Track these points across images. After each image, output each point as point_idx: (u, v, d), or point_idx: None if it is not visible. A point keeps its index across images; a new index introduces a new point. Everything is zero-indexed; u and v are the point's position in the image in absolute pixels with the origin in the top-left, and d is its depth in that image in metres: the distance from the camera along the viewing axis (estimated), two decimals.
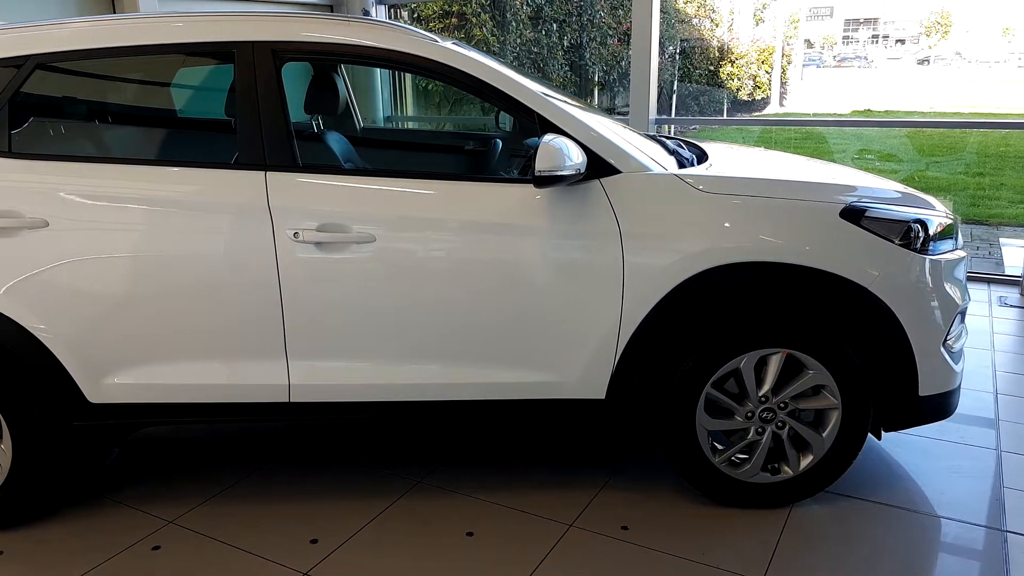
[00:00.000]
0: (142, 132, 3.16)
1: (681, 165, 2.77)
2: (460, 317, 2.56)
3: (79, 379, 2.59)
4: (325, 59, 3.23)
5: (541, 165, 2.35)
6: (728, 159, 3.03)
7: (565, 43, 9.54)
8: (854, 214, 2.53)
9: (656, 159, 2.66)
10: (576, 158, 2.40)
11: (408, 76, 7.68)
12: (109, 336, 2.56)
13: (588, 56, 9.56)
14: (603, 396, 2.63)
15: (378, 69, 6.98)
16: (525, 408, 2.67)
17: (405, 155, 3.99)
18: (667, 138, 3.32)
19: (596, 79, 9.79)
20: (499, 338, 2.58)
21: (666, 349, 2.61)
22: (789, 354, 2.59)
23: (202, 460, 3.21)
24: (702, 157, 2.96)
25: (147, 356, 2.58)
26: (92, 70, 2.80)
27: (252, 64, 2.55)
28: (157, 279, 2.53)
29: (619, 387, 2.62)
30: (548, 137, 2.40)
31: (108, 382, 2.60)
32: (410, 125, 8.04)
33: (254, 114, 2.54)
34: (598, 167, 2.50)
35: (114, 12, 5.28)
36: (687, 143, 3.25)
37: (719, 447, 2.72)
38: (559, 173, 2.36)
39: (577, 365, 2.60)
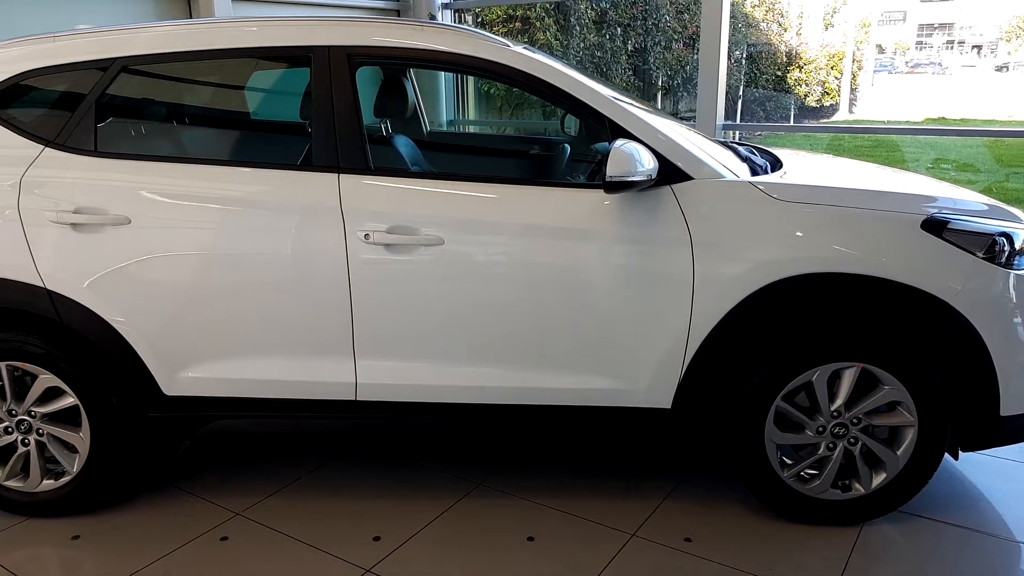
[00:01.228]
0: (219, 133, 3.24)
1: (754, 172, 2.72)
2: (527, 321, 2.56)
3: (155, 372, 2.67)
4: (398, 63, 3.27)
5: (612, 170, 2.33)
6: (803, 167, 2.96)
7: (629, 47, 9.47)
8: (936, 226, 2.45)
9: (728, 166, 2.62)
10: (648, 164, 2.38)
11: (470, 80, 7.72)
12: (185, 331, 2.63)
13: (652, 60, 9.48)
14: (669, 406, 2.59)
15: (441, 73, 7.04)
16: (589, 415, 2.65)
17: (471, 159, 4.01)
18: (739, 144, 3.27)
19: (660, 83, 9.70)
20: (565, 344, 2.57)
21: (736, 360, 2.56)
22: (864, 368, 2.51)
23: (269, 454, 3.28)
24: (776, 164, 2.90)
25: (221, 351, 2.65)
26: (172, 73, 2.89)
27: (328, 68, 2.60)
28: (232, 277, 2.59)
29: (686, 397, 2.58)
30: (619, 142, 2.38)
31: (183, 375, 2.67)
32: (471, 129, 8.08)
33: (329, 117, 2.58)
34: (669, 173, 2.47)
35: (190, 16, 5.45)
36: (760, 150, 3.19)
37: (788, 461, 2.66)
38: (630, 179, 2.34)
39: (643, 373, 2.57)
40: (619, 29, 9.35)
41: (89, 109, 2.64)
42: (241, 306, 2.61)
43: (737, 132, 6.78)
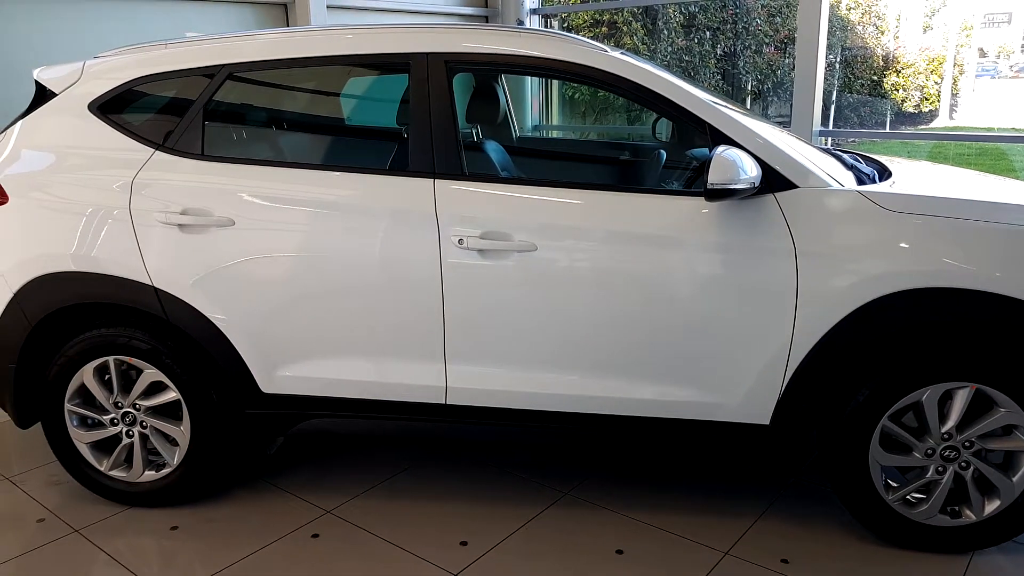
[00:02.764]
0: (318, 138, 3.31)
1: (860, 181, 2.61)
2: (621, 330, 2.51)
3: (254, 369, 2.73)
4: (495, 69, 3.28)
5: (714, 178, 2.27)
6: (914, 176, 2.83)
7: (718, 51, 9.30)
8: None
9: (833, 174, 2.52)
10: (751, 171, 2.31)
11: (554, 84, 7.72)
12: (284, 330, 2.69)
13: (742, 64, 9.27)
14: (767, 422, 2.51)
15: (527, 78, 7.05)
16: (684, 428, 2.58)
17: (562, 165, 3.99)
18: (844, 151, 3.15)
19: (749, 88, 9.47)
20: (661, 354, 2.52)
21: (841, 376, 2.46)
22: (978, 389, 2.38)
23: (358, 455, 3.32)
24: (883, 173, 2.78)
25: (317, 351, 2.69)
26: (274, 80, 2.97)
27: (426, 74, 2.61)
28: (329, 278, 2.63)
29: (786, 413, 2.49)
30: (721, 149, 2.32)
31: (280, 374, 2.73)
32: (555, 134, 8.07)
33: (426, 123, 2.60)
34: (773, 181, 2.40)
35: (287, 25, 5.61)
36: (866, 158, 3.07)
37: (893, 484, 2.53)
38: (733, 186, 2.27)
39: (741, 388, 2.49)
40: (708, 33, 9.18)
41: (197, 114, 2.73)
42: (337, 307, 2.65)
43: (829, 139, 6.56)
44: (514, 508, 2.88)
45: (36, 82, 2.92)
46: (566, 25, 8.75)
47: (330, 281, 2.63)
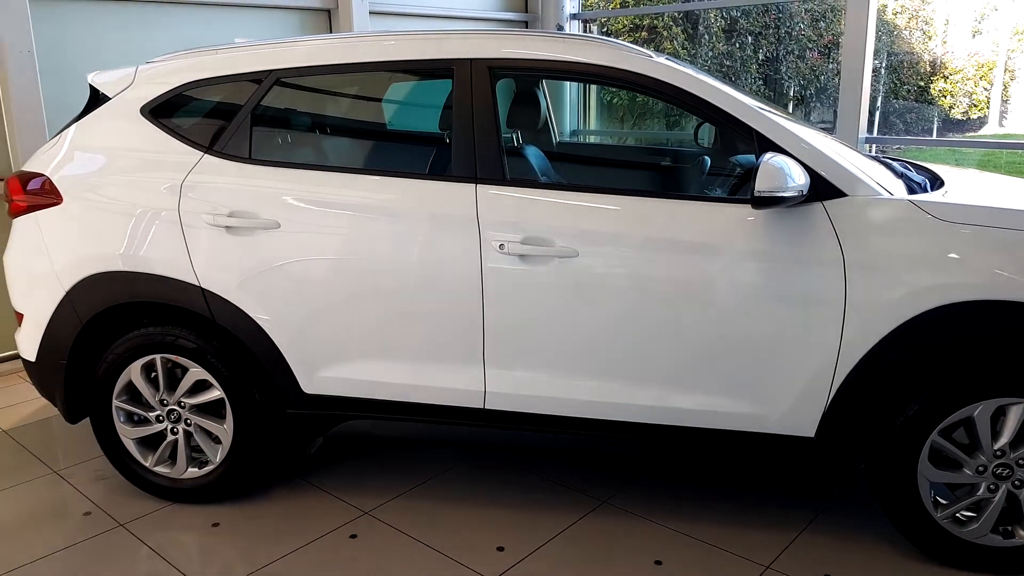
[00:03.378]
0: (362, 143, 3.34)
1: (911, 190, 2.56)
2: (662, 338, 2.49)
3: (296, 370, 2.76)
4: (538, 75, 3.28)
5: (761, 185, 2.24)
6: (968, 185, 2.76)
7: (760, 56, 9.20)
8: None
9: (883, 183, 2.47)
10: (799, 179, 2.28)
11: (592, 89, 7.70)
12: (326, 331, 2.71)
13: (784, 70, 9.16)
14: (812, 435, 2.46)
15: (566, 83, 7.04)
16: (726, 439, 2.55)
17: (603, 170, 3.97)
18: (894, 160, 3.09)
19: (792, 93, 9.35)
20: (702, 364, 2.49)
21: (889, 390, 2.41)
22: None
23: (395, 457, 3.33)
24: (935, 182, 2.72)
25: (359, 353, 2.71)
26: (321, 85, 3.00)
27: (470, 80, 2.62)
28: (371, 281, 2.65)
29: (832, 427, 2.44)
30: (768, 156, 2.29)
31: (322, 375, 2.76)
32: (592, 139, 8.05)
33: (468, 128, 2.61)
34: (821, 189, 2.36)
35: (331, 31, 5.67)
36: (916, 166, 3.00)
37: (942, 501, 2.47)
38: (780, 194, 2.24)
39: (785, 399, 2.45)
40: (750, 38, 9.10)
41: (245, 118, 2.78)
42: (379, 310, 2.66)
43: (874, 146, 6.45)
44: (552, 515, 2.87)
45: (90, 86, 2.99)
46: (605, 30, 8.73)
47: (372, 284, 2.65)
